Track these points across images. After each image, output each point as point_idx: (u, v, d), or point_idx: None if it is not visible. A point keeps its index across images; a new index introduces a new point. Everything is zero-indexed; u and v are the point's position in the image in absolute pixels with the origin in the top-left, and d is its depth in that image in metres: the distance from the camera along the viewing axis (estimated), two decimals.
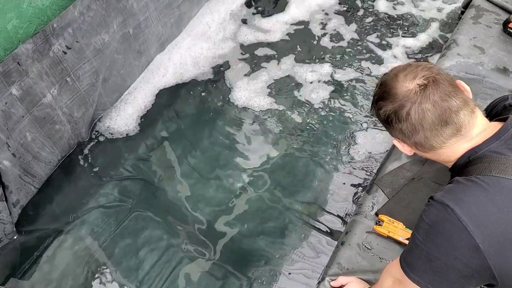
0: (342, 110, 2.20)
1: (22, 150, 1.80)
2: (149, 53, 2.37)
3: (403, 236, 1.50)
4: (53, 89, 1.85)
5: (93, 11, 1.88)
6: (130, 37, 2.18)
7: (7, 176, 1.75)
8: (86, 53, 1.93)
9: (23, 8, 1.68)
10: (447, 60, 1.98)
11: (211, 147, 2.11)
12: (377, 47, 2.45)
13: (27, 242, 1.85)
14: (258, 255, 1.79)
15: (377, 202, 1.62)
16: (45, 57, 1.75)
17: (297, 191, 1.95)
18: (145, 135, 2.16)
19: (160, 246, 1.82)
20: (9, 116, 1.70)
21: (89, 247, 1.83)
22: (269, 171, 2.02)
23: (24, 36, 1.73)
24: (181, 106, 2.26)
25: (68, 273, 1.77)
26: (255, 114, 2.21)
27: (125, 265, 1.78)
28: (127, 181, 2.01)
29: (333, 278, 1.47)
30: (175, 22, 2.45)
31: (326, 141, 2.09)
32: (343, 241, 1.56)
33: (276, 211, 1.90)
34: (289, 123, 2.17)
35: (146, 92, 2.30)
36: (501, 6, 2.17)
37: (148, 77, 2.35)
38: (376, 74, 2.32)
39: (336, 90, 2.28)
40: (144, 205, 1.94)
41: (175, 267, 1.77)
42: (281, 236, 1.83)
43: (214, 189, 1.98)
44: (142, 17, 2.19)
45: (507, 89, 1.86)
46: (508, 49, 2.00)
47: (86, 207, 1.93)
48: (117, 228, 1.87)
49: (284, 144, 2.10)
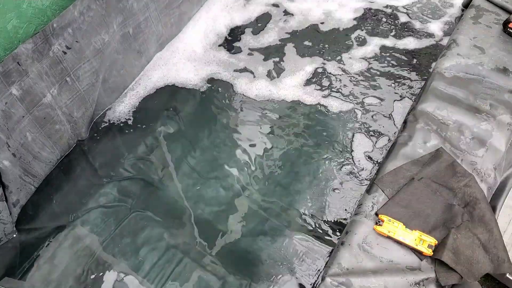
0: (342, 110, 2.19)
1: (23, 150, 1.80)
2: (149, 53, 2.37)
3: (403, 236, 1.50)
4: (53, 89, 1.86)
5: (93, 11, 1.88)
6: (130, 37, 2.18)
7: (7, 176, 1.75)
8: (86, 53, 1.93)
9: (23, 8, 1.68)
10: (447, 60, 1.98)
11: (211, 147, 2.11)
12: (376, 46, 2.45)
13: (26, 241, 1.85)
14: (257, 255, 1.79)
15: (377, 202, 1.62)
16: (45, 57, 1.75)
17: (297, 191, 1.95)
18: (145, 134, 2.16)
19: (160, 246, 1.82)
20: (9, 116, 1.70)
21: (89, 247, 1.83)
22: (269, 171, 2.02)
23: (24, 36, 1.73)
24: (181, 105, 2.26)
25: (67, 272, 1.77)
26: (255, 114, 2.21)
27: (125, 264, 1.78)
28: (127, 181, 2.01)
29: (333, 278, 1.47)
30: (175, 22, 2.45)
31: (326, 141, 2.09)
32: (343, 241, 1.56)
33: (276, 211, 1.90)
34: (289, 123, 2.17)
35: (146, 91, 2.31)
36: (501, 6, 2.17)
37: (148, 77, 2.36)
38: (376, 74, 2.32)
39: (337, 89, 2.27)
40: (144, 205, 1.94)
41: (175, 267, 1.77)
42: (281, 236, 1.83)
43: (213, 189, 1.98)
44: (142, 17, 2.19)
45: (507, 89, 1.86)
46: (508, 49, 2.00)
47: (86, 207, 1.93)
48: (117, 227, 1.87)
49: (284, 144, 2.10)
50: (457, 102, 1.83)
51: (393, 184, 1.65)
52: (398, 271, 1.47)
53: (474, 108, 1.81)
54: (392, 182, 1.66)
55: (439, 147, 1.72)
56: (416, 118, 1.82)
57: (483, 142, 1.73)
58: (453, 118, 1.79)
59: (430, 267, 1.48)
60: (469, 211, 1.56)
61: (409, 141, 1.76)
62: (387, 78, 2.30)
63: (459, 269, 1.45)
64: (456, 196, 1.60)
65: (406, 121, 1.86)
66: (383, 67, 2.35)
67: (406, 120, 1.87)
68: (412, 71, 2.31)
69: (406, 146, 1.75)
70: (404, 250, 1.51)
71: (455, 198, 1.59)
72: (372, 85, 2.28)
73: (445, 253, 1.45)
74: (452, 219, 1.54)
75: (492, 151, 1.72)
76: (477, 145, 1.73)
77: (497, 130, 1.76)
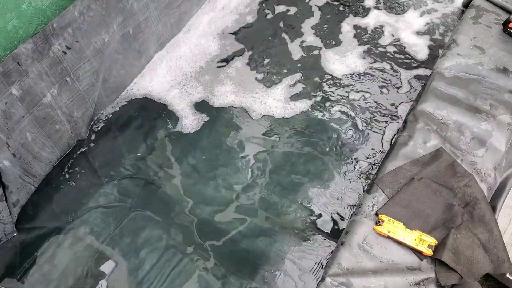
0: (342, 110, 2.19)
1: (23, 150, 1.80)
2: (149, 53, 2.37)
3: (403, 236, 1.51)
4: (53, 89, 1.86)
5: (93, 11, 1.88)
6: (130, 37, 2.18)
7: (7, 176, 1.75)
8: (86, 53, 1.93)
9: (23, 8, 1.68)
10: (447, 60, 1.98)
11: (211, 146, 2.11)
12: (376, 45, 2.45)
13: (26, 241, 1.85)
14: (258, 255, 1.79)
15: (377, 202, 1.62)
16: (45, 57, 1.75)
17: (297, 191, 1.95)
18: (144, 134, 2.16)
19: (159, 246, 1.82)
20: (9, 116, 1.70)
21: (89, 247, 1.83)
22: (269, 170, 2.02)
23: (24, 36, 1.73)
24: (180, 105, 2.26)
25: (67, 272, 1.77)
26: (255, 114, 2.21)
27: (125, 264, 1.78)
28: (127, 180, 2.01)
29: (333, 278, 1.47)
30: (175, 22, 2.46)
31: (327, 141, 2.09)
32: (343, 241, 1.56)
33: (276, 211, 1.90)
34: (289, 123, 2.17)
35: (145, 91, 2.30)
36: (501, 6, 2.17)
37: (148, 76, 2.35)
38: (376, 74, 2.32)
39: (337, 89, 2.27)
40: (144, 204, 1.94)
41: (175, 267, 1.77)
42: (281, 235, 1.83)
43: (213, 188, 1.98)
44: (142, 17, 2.19)
45: (507, 89, 1.86)
46: (508, 49, 2.00)
47: (86, 207, 1.93)
48: (117, 227, 1.87)
49: (284, 144, 2.10)
50: (457, 102, 1.83)
51: (393, 184, 1.66)
52: (398, 271, 1.48)
53: (474, 108, 1.81)
54: (392, 182, 1.66)
55: (439, 147, 1.72)
56: (416, 118, 1.82)
57: (483, 142, 1.73)
58: (453, 118, 1.79)
59: (430, 267, 1.48)
60: (469, 211, 1.56)
61: (409, 141, 1.76)
62: (387, 77, 2.30)
63: (459, 269, 1.45)
64: (456, 196, 1.60)
65: (406, 121, 1.86)
66: (382, 66, 2.35)
67: (406, 120, 1.87)
68: (412, 69, 2.31)
69: (406, 146, 1.75)
70: (404, 250, 1.51)
71: (455, 198, 1.59)
72: (371, 85, 2.27)
73: (445, 253, 1.45)
74: (452, 219, 1.55)
75: (492, 151, 1.72)
76: (477, 145, 1.73)
77: (497, 130, 1.76)
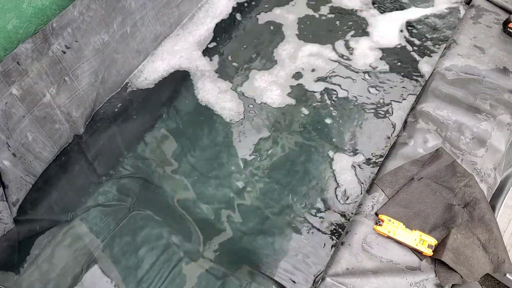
0: (342, 110, 2.19)
1: (23, 150, 1.80)
2: (147, 51, 2.37)
3: (403, 236, 1.51)
4: (52, 88, 1.85)
5: (93, 11, 1.88)
6: (129, 37, 2.18)
7: (7, 176, 1.75)
8: (85, 53, 1.93)
9: (23, 8, 1.68)
10: (447, 60, 1.98)
11: (210, 145, 2.11)
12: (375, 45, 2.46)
13: (25, 240, 1.85)
14: (258, 254, 1.79)
15: (377, 202, 1.62)
16: (44, 57, 1.75)
17: (297, 190, 1.95)
18: (144, 133, 2.15)
19: (159, 245, 1.82)
20: (9, 116, 1.70)
21: (88, 246, 1.83)
22: (269, 169, 2.02)
23: (24, 36, 1.73)
24: (180, 103, 2.25)
25: (66, 272, 1.77)
26: (256, 112, 2.21)
27: (124, 264, 1.78)
28: (126, 179, 2.01)
29: (333, 278, 1.47)
30: (175, 22, 2.45)
31: (327, 140, 2.09)
32: (343, 241, 1.56)
33: (276, 210, 1.90)
34: (290, 121, 2.17)
35: (145, 89, 2.30)
36: (501, 6, 2.17)
37: (146, 74, 2.35)
38: (376, 74, 2.32)
39: (337, 90, 2.27)
40: (143, 203, 1.94)
41: (175, 267, 1.77)
42: (281, 235, 1.84)
43: (213, 187, 1.98)
44: (139, 15, 2.18)
45: (507, 89, 1.86)
46: (508, 49, 2.00)
47: (85, 206, 1.93)
48: (116, 227, 1.87)
49: (285, 143, 2.10)
50: (457, 102, 1.83)
51: (393, 184, 1.66)
52: (398, 271, 1.48)
53: (474, 108, 1.81)
54: (392, 182, 1.66)
55: (439, 147, 1.72)
56: (416, 118, 1.82)
57: (483, 142, 1.73)
58: (453, 118, 1.80)
59: (430, 267, 1.48)
60: (469, 211, 1.56)
61: (409, 141, 1.76)
62: (388, 77, 2.30)
63: (459, 269, 1.45)
64: (456, 196, 1.60)
65: (406, 121, 1.86)
66: (384, 65, 2.35)
67: (406, 120, 1.87)
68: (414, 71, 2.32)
69: (406, 146, 1.75)
70: (404, 250, 1.51)
71: (455, 198, 1.60)
72: (373, 84, 2.27)
73: (445, 253, 1.45)
74: (452, 219, 1.55)
75: (492, 151, 1.72)
76: (477, 145, 1.73)
77: (497, 130, 1.76)
